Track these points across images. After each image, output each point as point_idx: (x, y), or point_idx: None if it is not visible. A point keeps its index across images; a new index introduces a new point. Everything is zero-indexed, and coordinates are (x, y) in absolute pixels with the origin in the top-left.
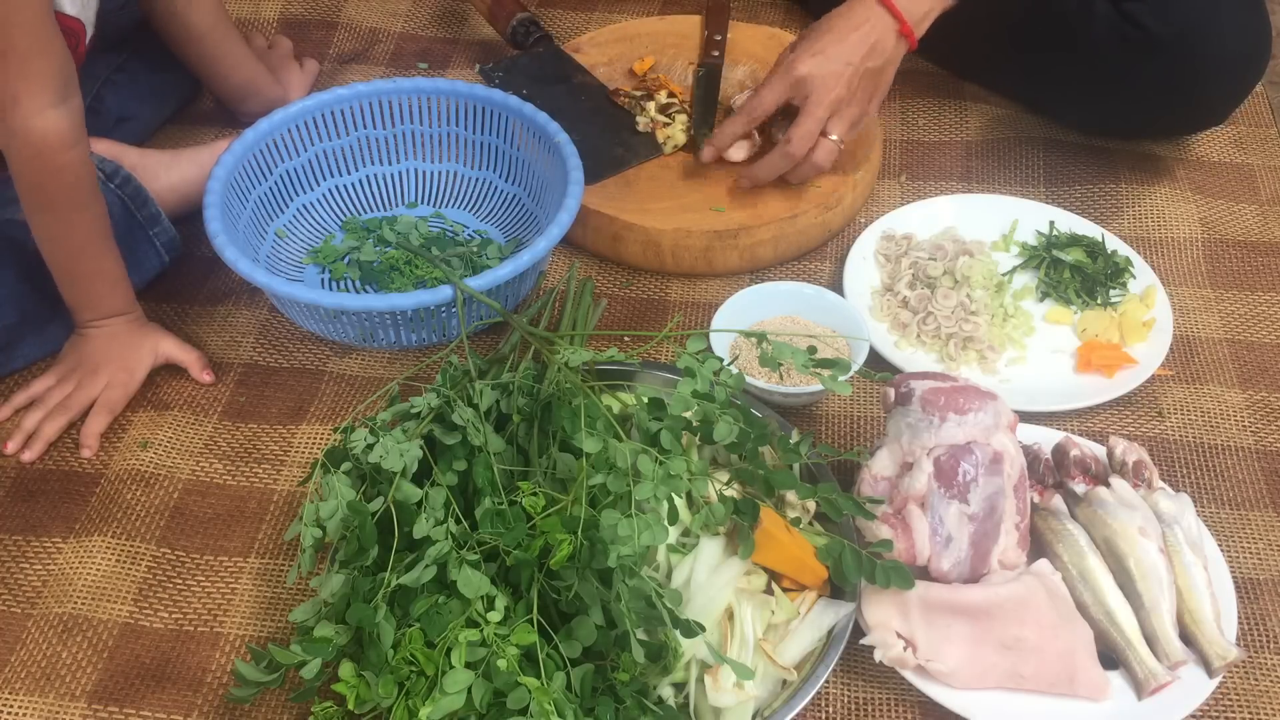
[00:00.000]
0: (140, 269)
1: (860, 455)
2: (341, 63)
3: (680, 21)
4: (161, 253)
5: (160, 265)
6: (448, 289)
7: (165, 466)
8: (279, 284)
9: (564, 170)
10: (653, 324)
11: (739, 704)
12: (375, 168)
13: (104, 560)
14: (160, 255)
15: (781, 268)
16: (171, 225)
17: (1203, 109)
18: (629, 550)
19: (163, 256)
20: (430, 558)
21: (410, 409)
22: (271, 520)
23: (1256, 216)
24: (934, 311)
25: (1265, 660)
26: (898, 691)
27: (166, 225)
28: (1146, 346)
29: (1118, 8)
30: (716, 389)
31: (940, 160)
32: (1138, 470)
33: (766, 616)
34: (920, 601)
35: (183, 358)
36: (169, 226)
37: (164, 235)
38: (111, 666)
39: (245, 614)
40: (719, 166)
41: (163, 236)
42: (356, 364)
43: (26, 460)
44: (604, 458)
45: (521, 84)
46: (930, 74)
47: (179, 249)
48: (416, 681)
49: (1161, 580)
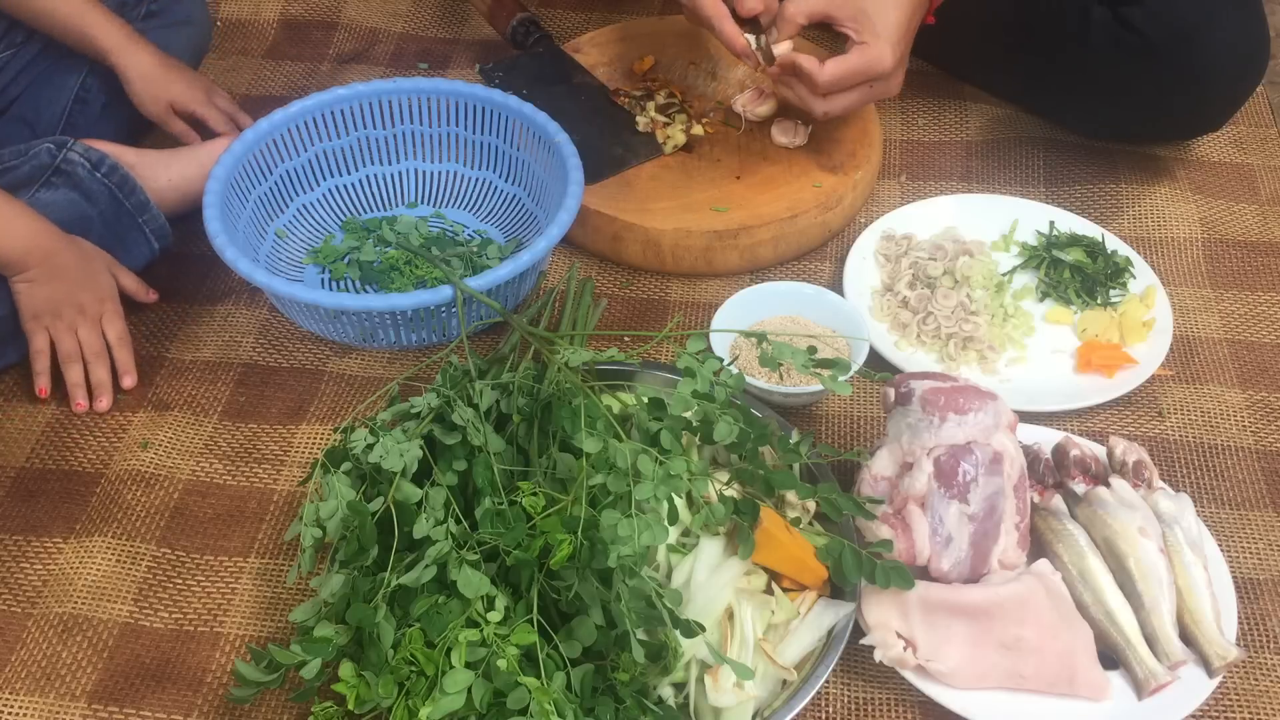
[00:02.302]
0: (131, 256)
1: (860, 455)
2: (341, 63)
3: (680, 22)
4: (151, 240)
5: (150, 253)
6: (448, 289)
7: (165, 466)
8: (279, 284)
9: (564, 170)
10: (653, 324)
11: (739, 704)
12: (375, 168)
13: (104, 560)
14: (150, 243)
15: (781, 268)
16: (161, 214)
17: (1200, 114)
18: (629, 550)
19: (152, 244)
20: (430, 558)
21: (410, 409)
22: (271, 520)
23: (1256, 216)
24: (934, 311)
25: (1265, 660)
26: (898, 691)
27: (156, 213)
28: (1146, 346)
29: (1115, 13)
30: (716, 389)
31: (940, 160)
32: (1138, 470)
33: (766, 616)
34: (920, 601)
35: (124, 279)
36: (158, 214)
37: (153, 223)
38: (111, 666)
39: (245, 614)
40: (720, 167)
41: (152, 224)
42: (356, 364)
43: (103, 408)
44: (604, 458)
45: (521, 84)
46: (930, 74)
47: (169, 237)
48: (416, 681)
49: (1161, 580)
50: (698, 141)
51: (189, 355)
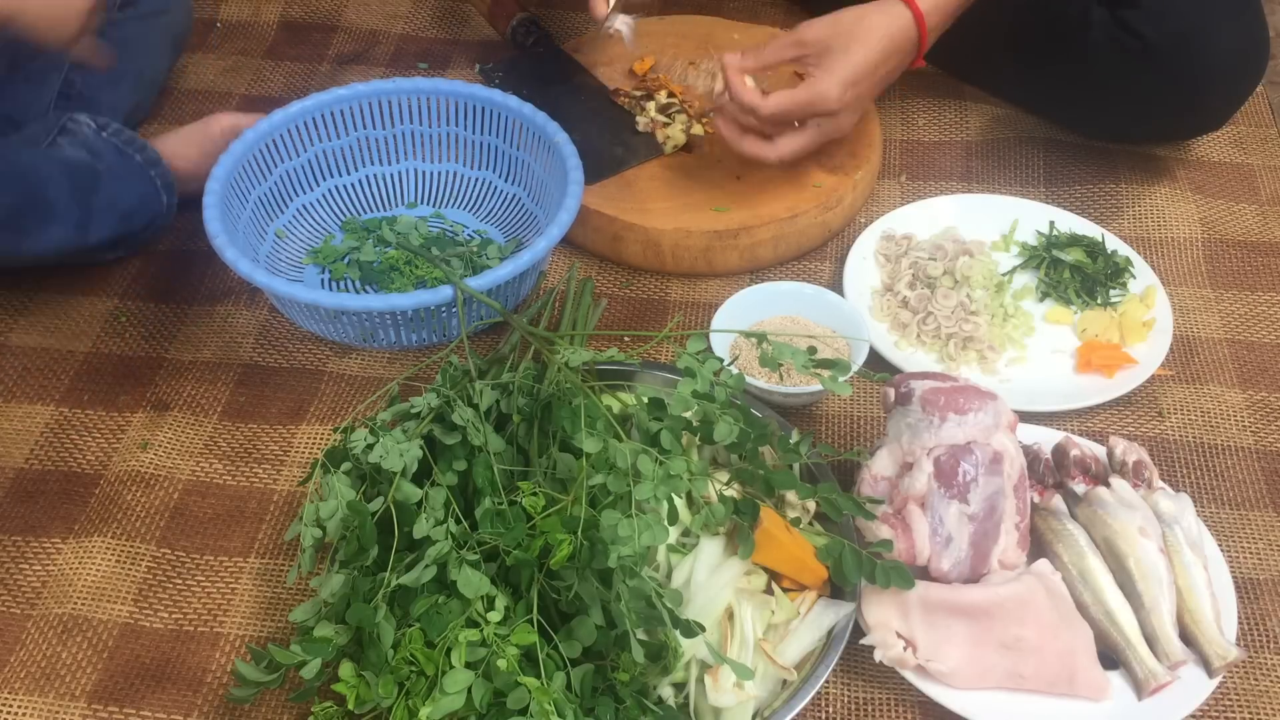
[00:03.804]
0: (147, 210)
1: (860, 455)
2: (341, 64)
3: (680, 22)
4: (162, 194)
5: (163, 206)
6: (448, 289)
7: (165, 467)
8: (279, 284)
9: (564, 170)
10: (653, 324)
11: (739, 704)
12: (375, 168)
13: (104, 560)
14: (161, 197)
15: (781, 268)
16: (170, 170)
17: (1200, 115)
18: (629, 550)
19: (163, 199)
20: (430, 558)
21: (410, 409)
22: (271, 520)
23: (1256, 216)
24: (934, 311)
25: (1265, 660)
26: (898, 691)
27: (165, 168)
28: (1146, 346)
29: (1114, 14)
30: (716, 389)
31: (940, 160)
32: (1138, 470)
33: (766, 616)
34: (920, 601)
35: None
36: (167, 170)
37: (164, 177)
38: (111, 667)
39: (245, 614)
40: (720, 167)
41: (163, 178)
42: (356, 364)
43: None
44: (604, 458)
45: (521, 84)
46: (930, 74)
47: (176, 192)
48: (416, 681)
49: (1161, 580)
50: (698, 141)
51: (189, 356)
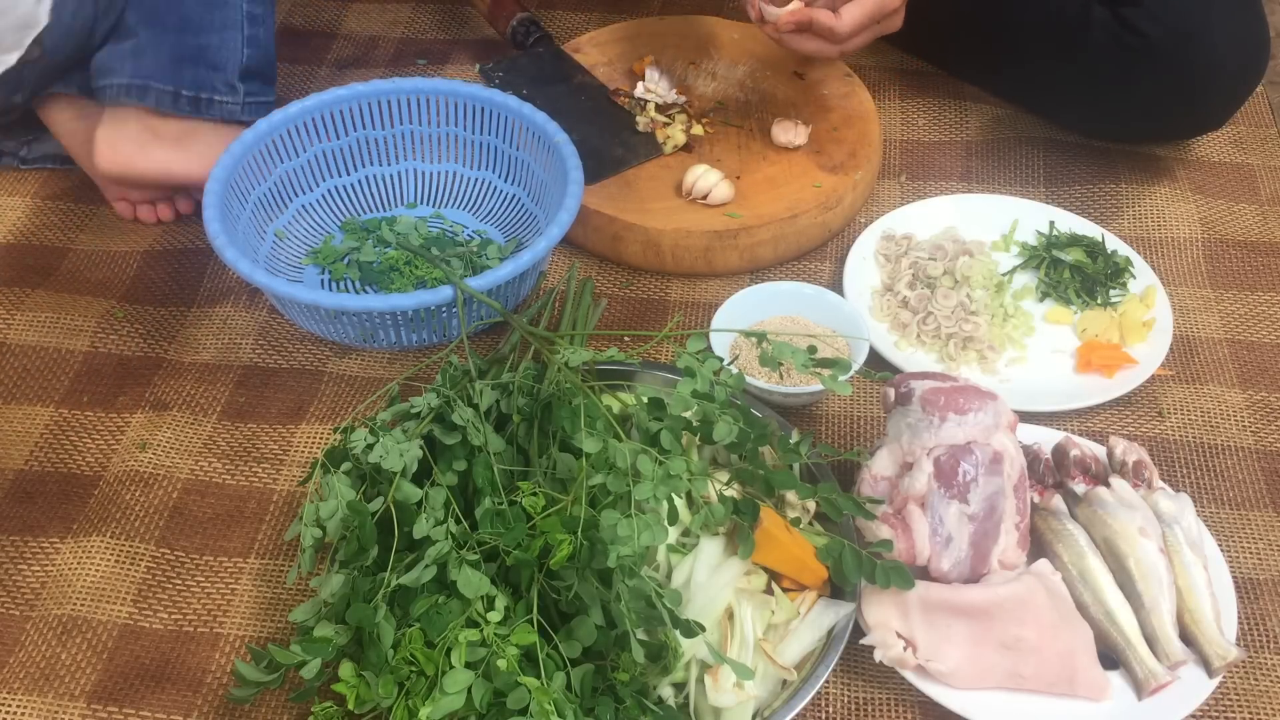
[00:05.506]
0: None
1: (860, 455)
2: (341, 68)
3: (680, 22)
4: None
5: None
6: (448, 289)
7: (164, 467)
8: (279, 285)
9: (564, 170)
10: (653, 324)
11: (739, 704)
12: (375, 168)
13: (103, 561)
14: (242, 29)
15: (781, 268)
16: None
17: (1200, 115)
18: (629, 550)
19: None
20: (430, 558)
21: (410, 409)
22: (271, 520)
23: (1256, 216)
24: (934, 311)
25: (1265, 660)
26: (898, 691)
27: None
28: (1146, 346)
29: (1115, 13)
30: (716, 389)
31: (940, 160)
32: (1138, 470)
33: (766, 616)
34: (920, 601)
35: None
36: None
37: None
38: (111, 667)
39: (245, 614)
40: (720, 167)
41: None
42: (356, 364)
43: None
44: (604, 458)
45: (521, 84)
46: (930, 74)
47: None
48: (416, 681)
49: (1161, 580)
50: (698, 141)
51: (188, 356)
